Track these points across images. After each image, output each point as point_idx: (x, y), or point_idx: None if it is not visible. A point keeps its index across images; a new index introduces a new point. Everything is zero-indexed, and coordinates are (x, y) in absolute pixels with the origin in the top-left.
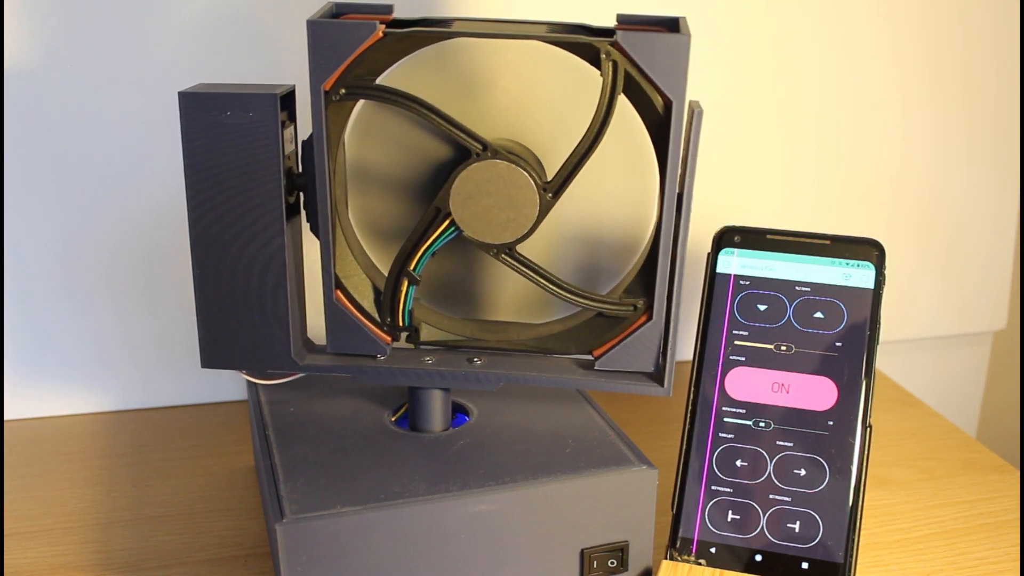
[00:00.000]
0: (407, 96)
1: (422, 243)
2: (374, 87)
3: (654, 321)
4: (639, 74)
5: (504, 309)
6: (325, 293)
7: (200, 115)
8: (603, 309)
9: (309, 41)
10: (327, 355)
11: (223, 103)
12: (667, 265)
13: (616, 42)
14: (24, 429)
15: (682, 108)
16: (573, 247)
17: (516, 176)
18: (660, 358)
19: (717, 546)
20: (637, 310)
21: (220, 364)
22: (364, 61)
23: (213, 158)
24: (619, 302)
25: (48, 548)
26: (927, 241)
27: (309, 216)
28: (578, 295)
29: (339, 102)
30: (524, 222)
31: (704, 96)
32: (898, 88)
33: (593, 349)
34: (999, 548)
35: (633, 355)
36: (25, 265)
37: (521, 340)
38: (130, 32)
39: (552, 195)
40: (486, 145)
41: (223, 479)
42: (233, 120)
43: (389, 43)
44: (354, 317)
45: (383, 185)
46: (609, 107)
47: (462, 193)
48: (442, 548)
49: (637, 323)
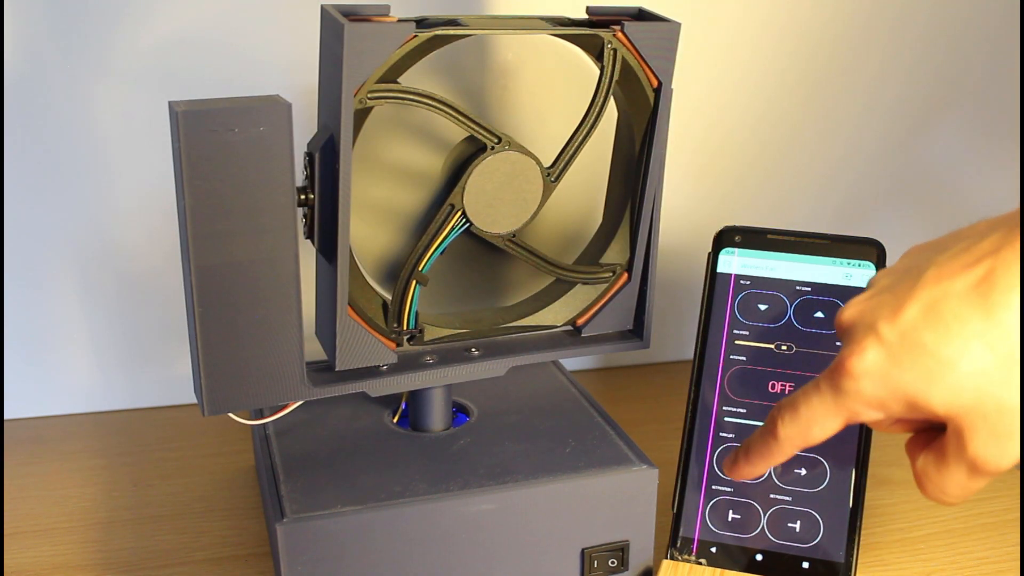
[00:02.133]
0: (433, 97)
1: (434, 241)
2: (402, 90)
3: (632, 281)
4: (639, 61)
5: (482, 296)
6: (340, 311)
7: (204, 134)
8: (591, 279)
9: (345, 46)
10: (335, 374)
11: (229, 119)
12: (647, 227)
13: (621, 32)
14: (24, 429)
15: (670, 88)
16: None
17: (526, 165)
18: (638, 315)
19: (718, 546)
20: (616, 274)
21: (227, 407)
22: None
23: (219, 181)
24: (602, 268)
25: (48, 548)
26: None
27: (314, 233)
28: (571, 271)
29: (362, 108)
30: (529, 209)
31: (704, 95)
32: (898, 88)
33: (576, 319)
34: (999, 548)
35: (614, 316)
36: (25, 265)
37: (506, 324)
38: (122, 38)
39: (554, 180)
40: (500, 138)
41: (223, 479)
42: (240, 137)
43: (416, 45)
44: (364, 330)
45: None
46: (607, 94)
47: (475, 187)
48: (442, 548)
49: (617, 285)
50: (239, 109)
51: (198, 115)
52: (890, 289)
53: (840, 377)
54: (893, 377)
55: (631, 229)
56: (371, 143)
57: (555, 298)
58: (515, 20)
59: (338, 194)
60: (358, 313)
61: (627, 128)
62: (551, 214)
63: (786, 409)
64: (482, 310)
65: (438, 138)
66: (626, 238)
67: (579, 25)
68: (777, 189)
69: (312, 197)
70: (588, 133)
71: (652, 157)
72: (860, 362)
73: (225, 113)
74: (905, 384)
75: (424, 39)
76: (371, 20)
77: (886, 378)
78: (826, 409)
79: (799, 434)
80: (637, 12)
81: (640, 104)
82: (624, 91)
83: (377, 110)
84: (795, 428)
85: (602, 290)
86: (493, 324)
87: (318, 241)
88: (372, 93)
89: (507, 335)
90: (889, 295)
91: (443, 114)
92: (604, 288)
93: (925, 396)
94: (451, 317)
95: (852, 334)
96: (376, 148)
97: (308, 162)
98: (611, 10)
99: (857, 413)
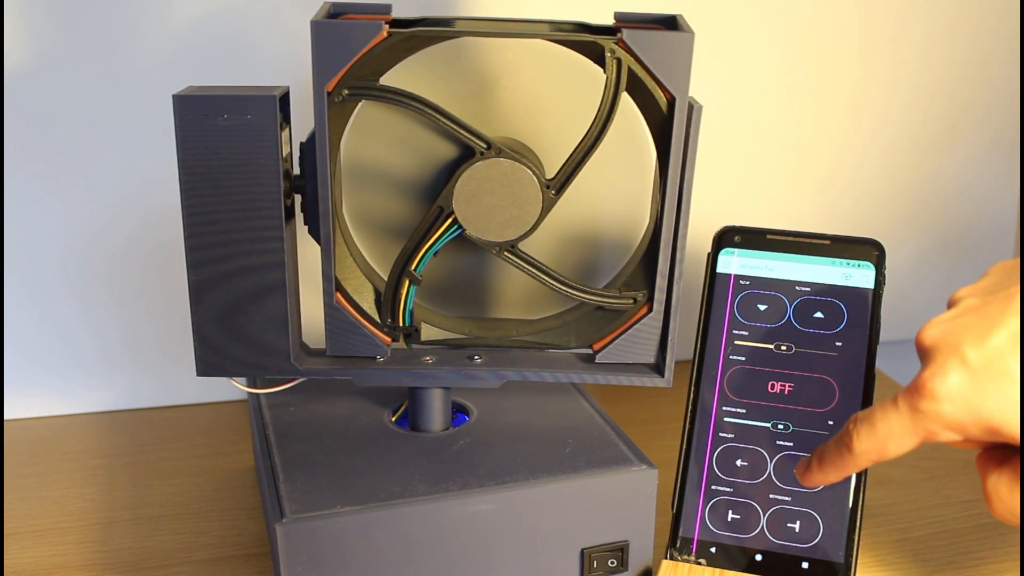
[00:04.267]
0: (411, 96)
1: (424, 243)
2: (378, 88)
3: (654, 313)
4: (644, 71)
5: (502, 306)
6: (325, 296)
7: (195, 118)
8: (604, 303)
9: (313, 42)
10: (326, 358)
11: (219, 106)
12: (668, 258)
13: (621, 40)
14: (24, 429)
15: (685, 104)
16: (571, 243)
17: (520, 174)
18: (660, 349)
19: (717, 546)
20: (637, 303)
21: (217, 372)
22: (367, 61)
23: (209, 162)
24: (620, 295)
25: (48, 548)
26: (927, 241)
27: (307, 219)
28: (580, 290)
29: (341, 103)
30: (527, 219)
31: (704, 95)
32: (899, 87)
33: (593, 343)
34: (999, 548)
35: (633, 347)
36: (26, 264)
37: (520, 336)
38: (128, 33)
39: (555, 192)
40: (490, 144)
41: (223, 479)
42: (229, 123)
43: (393, 43)
44: (354, 319)
45: (380, 185)
46: (612, 104)
47: (465, 192)
48: (442, 548)
49: (637, 315)
50: (228, 97)
51: (191, 100)
52: (976, 311)
53: (920, 398)
54: (975, 402)
55: (645, 257)
56: (370, 139)
57: (573, 317)
58: (513, 24)
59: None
60: (348, 301)
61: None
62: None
63: (863, 423)
64: (498, 320)
65: (433, 140)
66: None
67: (579, 31)
68: (777, 189)
69: (301, 184)
70: (594, 144)
71: (669, 178)
72: (942, 384)
73: (215, 100)
74: (988, 411)
75: (401, 38)
76: (344, 17)
77: (968, 403)
78: (903, 428)
79: (874, 449)
80: (669, 21)
81: (656, 118)
82: (638, 103)
83: (378, 110)
84: (871, 443)
85: (623, 317)
86: (506, 334)
87: (313, 230)
88: (350, 89)
89: (510, 349)
90: (975, 317)
91: (423, 115)
92: (626, 316)
93: (1009, 424)
94: (459, 321)
95: (934, 354)
96: (375, 148)
97: (299, 150)
98: (639, 17)
99: (934, 434)
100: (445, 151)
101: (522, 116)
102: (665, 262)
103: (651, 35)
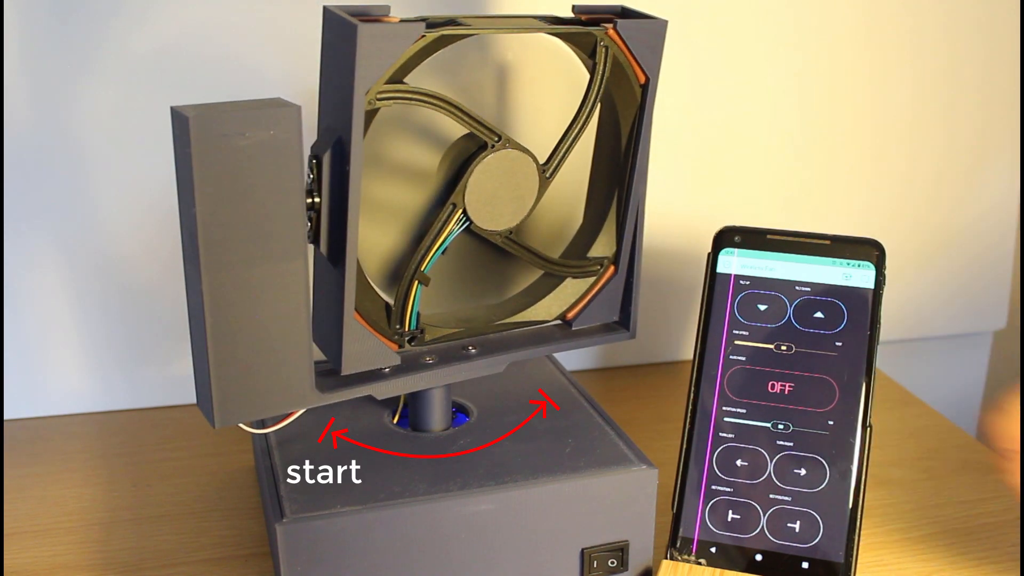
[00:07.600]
0: (438, 96)
1: (436, 241)
2: (409, 90)
3: (619, 273)
4: (629, 57)
5: (475, 293)
6: (346, 316)
7: (213, 139)
8: (583, 273)
9: (359, 48)
10: (341, 378)
11: (241, 124)
12: (632, 221)
13: (614, 30)
14: (24, 429)
15: (657, 83)
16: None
17: (524, 162)
18: (624, 306)
19: (717, 546)
20: (603, 267)
21: (238, 418)
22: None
23: (230, 186)
24: (591, 261)
25: (48, 548)
26: (927, 241)
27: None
28: (563, 265)
29: (372, 111)
30: (525, 205)
31: (704, 95)
32: (899, 88)
33: (567, 313)
34: (999, 548)
35: (603, 308)
36: (25, 264)
37: (503, 320)
38: (123, 39)
39: (549, 176)
40: (500, 136)
41: (223, 479)
42: (251, 141)
43: (422, 45)
44: (370, 334)
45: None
46: (600, 90)
47: (477, 185)
48: (442, 548)
49: (605, 277)
50: (250, 113)
51: (209, 120)
52: None
53: None
54: None
55: (617, 222)
56: (372, 144)
57: (545, 293)
58: (513, 20)
59: (347, 198)
60: (363, 317)
61: (611, 124)
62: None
63: None
64: (476, 308)
65: (437, 138)
66: (612, 231)
67: (574, 24)
68: (777, 189)
69: (318, 201)
70: (581, 129)
71: (639, 151)
72: None
73: (236, 118)
74: None
75: (431, 39)
76: (381, 21)
77: None
78: None
79: None
80: (620, 10)
81: (628, 100)
82: (613, 88)
83: (381, 111)
84: None
85: (590, 283)
86: (487, 321)
87: (325, 246)
88: (381, 94)
89: (502, 332)
90: None
91: (448, 113)
92: (592, 281)
93: None
94: (447, 316)
95: None
96: (377, 149)
97: (313, 166)
98: (597, 8)
99: None
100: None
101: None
102: (631, 224)
103: (638, 24)
